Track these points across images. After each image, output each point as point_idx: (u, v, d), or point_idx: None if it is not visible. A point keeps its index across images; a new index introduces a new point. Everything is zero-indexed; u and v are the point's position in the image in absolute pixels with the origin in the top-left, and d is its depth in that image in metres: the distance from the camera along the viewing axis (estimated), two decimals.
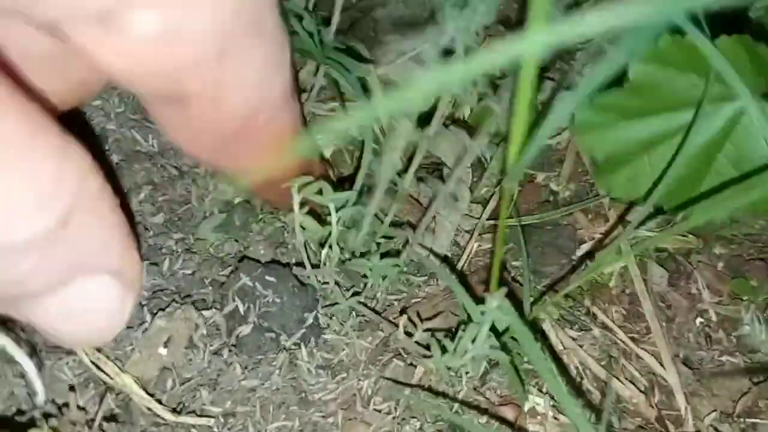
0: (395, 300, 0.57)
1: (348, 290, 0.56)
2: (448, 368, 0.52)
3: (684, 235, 0.61)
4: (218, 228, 0.57)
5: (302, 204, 0.48)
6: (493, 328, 0.47)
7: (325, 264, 0.54)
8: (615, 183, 0.59)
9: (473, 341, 0.47)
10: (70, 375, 0.48)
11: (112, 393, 0.48)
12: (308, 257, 0.53)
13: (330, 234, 0.51)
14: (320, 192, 0.47)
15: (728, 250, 0.62)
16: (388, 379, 0.52)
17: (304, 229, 0.50)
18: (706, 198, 0.56)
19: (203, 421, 0.48)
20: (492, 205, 0.62)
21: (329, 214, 0.49)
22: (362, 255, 0.56)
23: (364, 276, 0.56)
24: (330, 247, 0.52)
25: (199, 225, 0.57)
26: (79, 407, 0.47)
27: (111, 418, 0.47)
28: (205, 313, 0.52)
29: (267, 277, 0.53)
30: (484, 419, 0.51)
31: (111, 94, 0.61)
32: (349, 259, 0.55)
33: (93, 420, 0.46)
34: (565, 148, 0.66)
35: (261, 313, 0.52)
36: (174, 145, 0.60)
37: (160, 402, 0.48)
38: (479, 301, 0.45)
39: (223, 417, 0.49)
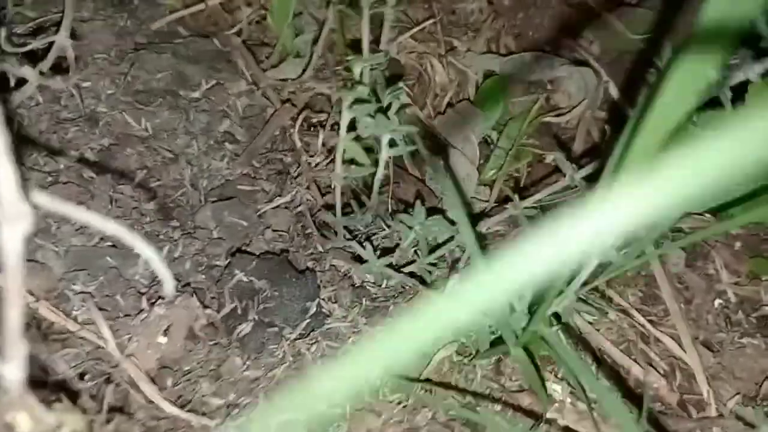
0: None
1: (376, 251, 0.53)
2: (464, 355, 0.50)
3: (700, 214, 0.59)
4: (216, 214, 0.54)
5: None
6: None
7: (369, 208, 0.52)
8: None
9: None
10: (66, 367, 0.45)
11: (110, 385, 0.45)
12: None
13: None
14: None
15: (745, 230, 0.60)
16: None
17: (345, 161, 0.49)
18: None
19: (205, 420, 0.45)
20: (498, 187, 0.60)
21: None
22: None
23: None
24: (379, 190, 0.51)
25: (196, 211, 0.54)
26: (91, 396, 0.44)
27: (111, 409, 0.44)
28: (205, 312, 0.49)
29: (262, 270, 0.50)
30: (499, 407, 0.49)
31: (102, 76, 0.58)
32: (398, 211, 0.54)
33: (99, 411, 0.44)
34: (576, 126, 0.64)
35: (260, 309, 0.49)
36: (167, 128, 0.57)
37: (160, 394, 0.45)
38: None
39: (226, 409, 0.46)
